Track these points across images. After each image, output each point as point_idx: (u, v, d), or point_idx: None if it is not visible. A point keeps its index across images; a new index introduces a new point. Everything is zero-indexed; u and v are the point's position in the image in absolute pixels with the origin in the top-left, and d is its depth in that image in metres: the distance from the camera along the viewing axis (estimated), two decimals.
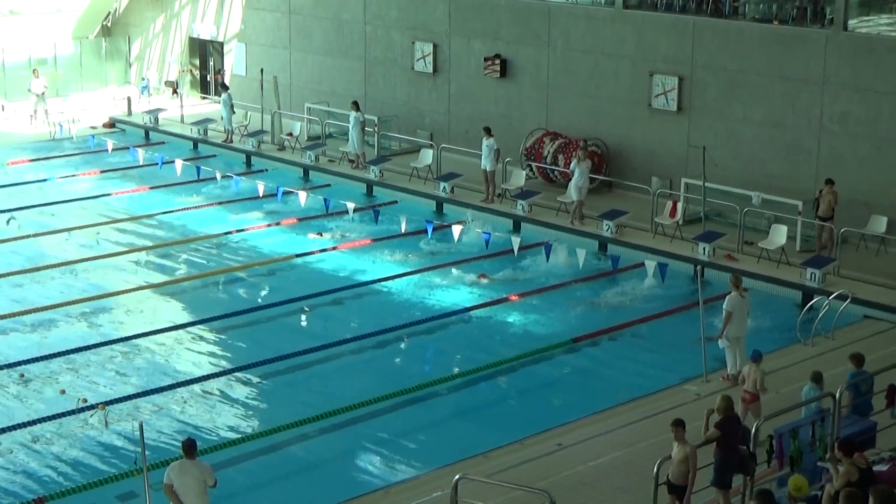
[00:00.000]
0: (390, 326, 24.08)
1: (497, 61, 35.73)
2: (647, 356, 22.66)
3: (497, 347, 23.11)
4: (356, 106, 35.91)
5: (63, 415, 19.93)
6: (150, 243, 29.89)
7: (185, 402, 20.90)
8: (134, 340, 23.56)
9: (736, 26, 30.79)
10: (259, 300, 26.03)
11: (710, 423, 15.42)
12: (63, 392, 21.03)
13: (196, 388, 21.46)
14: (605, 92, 33.32)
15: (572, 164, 30.06)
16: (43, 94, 43.67)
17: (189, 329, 24.36)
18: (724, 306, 20.37)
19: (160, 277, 27.40)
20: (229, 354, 23.13)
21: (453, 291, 26.62)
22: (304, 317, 24.89)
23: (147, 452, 14.53)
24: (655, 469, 14.56)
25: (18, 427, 19.52)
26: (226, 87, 40.89)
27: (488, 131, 32.00)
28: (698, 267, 25.71)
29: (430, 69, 37.90)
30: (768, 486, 15.24)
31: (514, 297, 25.93)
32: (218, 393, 21.34)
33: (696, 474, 14.86)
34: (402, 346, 23.25)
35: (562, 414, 19.82)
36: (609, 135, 33.13)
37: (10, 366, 22.07)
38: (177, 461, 14.87)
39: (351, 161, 35.93)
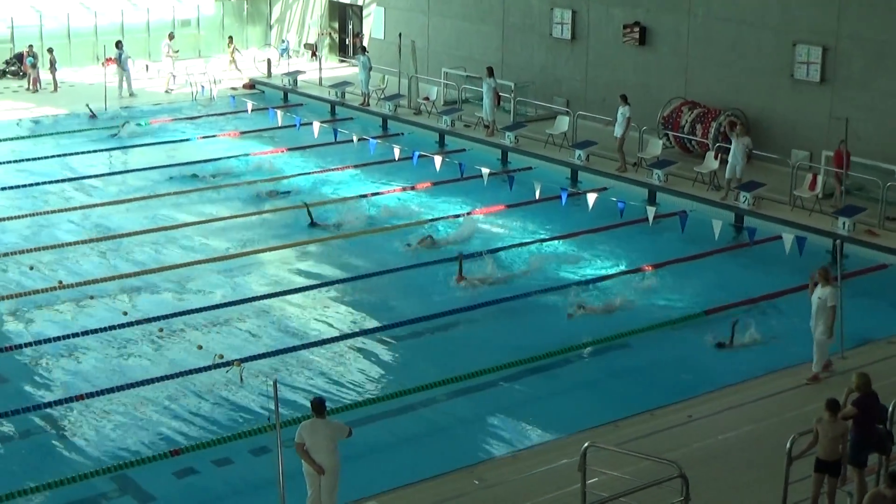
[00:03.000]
0: (521, 293, 24.07)
1: (636, 29, 35.37)
2: (782, 330, 22.29)
3: (628, 318, 22.93)
4: (490, 72, 35.85)
5: (200, 370, 20.36)
6: (284, 205, 30.27)
7: (317, 361, 21.18)
8: (269, 300, 23.94)
9: None
10: (391, 264, 26.15)
11: (848, 400, 15.15)
12: (200, 348, 21.46)
13: (329, 347, 21.74)
14: (746, 62, 32.77)
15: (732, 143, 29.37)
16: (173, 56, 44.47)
17: (322, 290, 24.65)
18: (833, 301, 19.09)
19: (295, 238, 27.74)
20: (361, 316, 23.34)
21: (585, 260, 26.51)
22: (435, 280, 24.93)
23: (280, 410, 14.74)
24: (789, 444, 14.33)
25: (157, 381, 19.99)
26: (364, 50, 41.13)
27: (624, 99, 31.72)
28: (837, 242, 25.23)
29: (569, 36, 37.66)
30: None
31: (647, 268, 25.73)
32: (350, 354, 21.58)
33: (847, 451, 14.62)
34: (533, 313, 23.18)
35: (693, 386, 19.64)
36: (749, 105, 32.59)
37: (149, 320, 22.60)
38: (308, 420, 15.08)
39: (486, 127, 35.92)
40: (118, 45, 43.14)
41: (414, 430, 18.92)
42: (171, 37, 45.20)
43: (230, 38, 47.22)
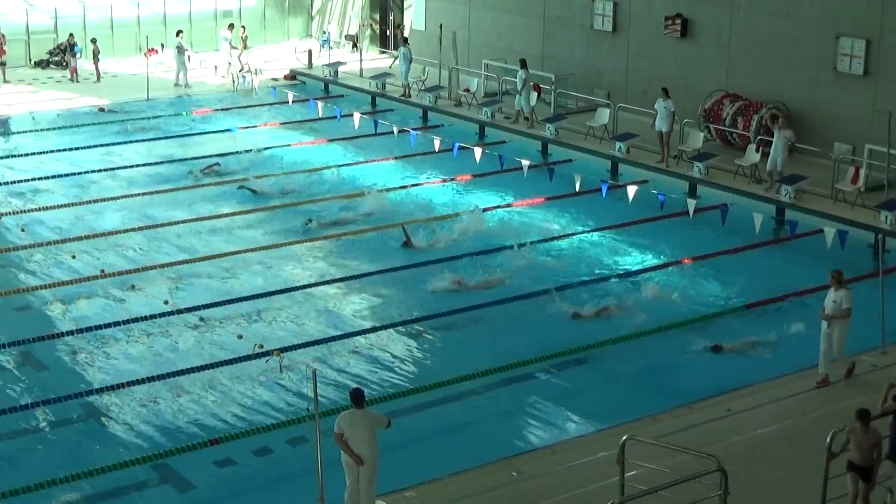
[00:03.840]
0: (560, 285, 24.05)
1: (678, 21, 35.21)
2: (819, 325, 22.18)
3: (667, 311, 22.86)
4: (523, 64, 35.78)
5: (240, 359, 20.48)
6: (324, 195, 30.33)
7: (357, 351, 21.26)
8: (309, 289, 24.03)
9: None
10: (431, 255, 26.14)
11: (889, 395, 15.06)
12: (240, 337, 21.56)
13: (369, 338, 21.82)
14: (788, 54, 32.56)
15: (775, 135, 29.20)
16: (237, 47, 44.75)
17: (362, 280, 24.67)
18: (848, 304, 18.80)
19: (335, 229, 27.78)
20: (401, 307, 23.36)
21: (625, 253, 26.46)
22: (475, 273, 24.92)
23: (319, 400, 14.80)
24: (828, 440, 14.26)
25: (197, 370, 20.13)
26: (406, 42, 41.15)
27: (666, 93, 31.59)
28: (879, 236, 25.07)
29: (610, 28, 37.55)
30: None
31: (687, 261, 25.66)
32: (390, 344, 21.63)
33: (881, 459, 14.53)
34: (571, 305, 23.14)
35: (731, 380, 19.57)
36: (790, 98, 32.39)
37: (190, 310, 22.73)
38: (347, 411, 15.12)
39: (526, 119, 35.89)
40: (178, 34, 43.45)
41: (452, 420, 18.96)
42: (231, 27, 45.56)
43: (243, 27, 47.07)
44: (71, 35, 44.91)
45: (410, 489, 16.00)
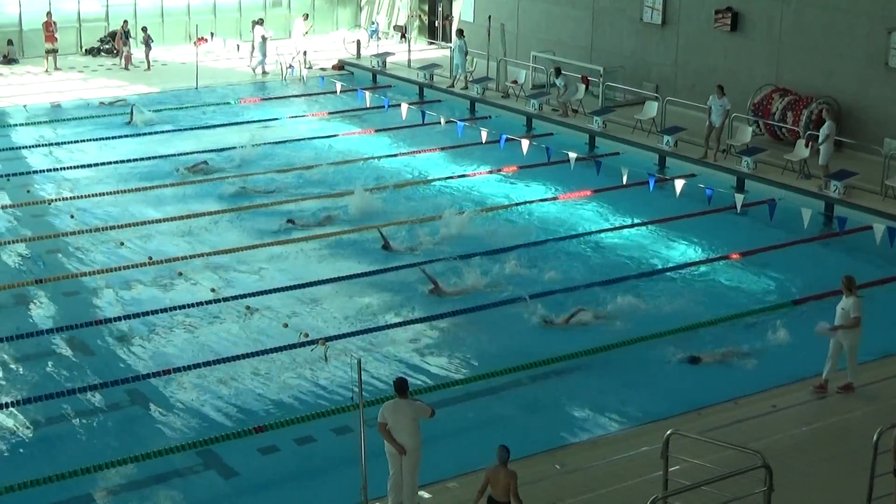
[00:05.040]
0: (606, 279, 23.99)
1: (728, 14, 34.99)
2: (869, 321, 21.97)
3: (714, 306, 22.74)
4: (558, 72, 35.80)
5: (285, 348, 20.56)
6: (371, 185, 30.40)
7: (401, 341, 21.31)
8: (357, 279, 24.04)
9: None
10: (474, 247, 26.12)
11: None
12: (286, 326, 21.65)
13: (414, 328, 21.85)
14: (839, 49, 32.28)
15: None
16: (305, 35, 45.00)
17: (408, 270, 24.62)
18: (856, 313, 18.36)
19: (380, 219, 27.82)
20: (443, 298, 23.32)
21: (673, 247, 26.37)
22: (519, 265, 24.86)
23: (363, 389, 14.83)
24: (875, 437, 14.11)
25: (242, 357, 20.24)
26: (461, 34, 41.06)
27: (721, 90, 31.31)
28: None
29: (660, 20, 37.38)
30: None
31: (734, 256, 25.53)
32: (434, 335, 21.66)
33: None
34: (616, 300, 23.06)
35: (775, 376, 19.46)
36: (841, 93, 32.12)
37: (236, 297, 22.85)
38: (390, 400, 15.15)
39: (574, 111, 35.82)
40: (260, 22, 43.64)
41: (497, 412, 18.94)
42: (306, 17, 45.76)
43: (305, 15, 47.46)
44: (125, 22, 45.27)
45: (453, 480, 16.05)
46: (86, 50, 46.96)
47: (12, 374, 20.15)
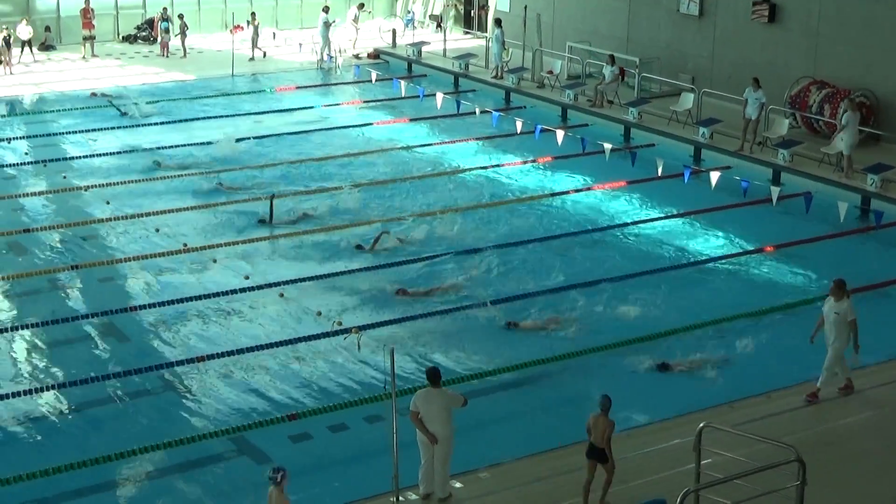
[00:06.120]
0: (639, 271, 23.93)
1: (766, 6, 34.78)
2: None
3: (748, 299, 22.63)
4: (612, 59, 35.83)
5: (318, 336, 20.63)
6: (404, 175, 30.40)
7: (434, 330, 21.30)
8: (390, 269, 24.07)
9: None
10: (512, 238, 26.11)
11: None
12: (320, 314, 21.71)
13: (448, 317, 21.83)
14: (878, 41, 32.04)
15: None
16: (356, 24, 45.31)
17: (443, 260, 24.63)
18: (853, 315, 18.03)
19: (412, 209, 27.84)
20: (476, 289, 23.31)
21: (707, 239, 26.27)
22: (553, 254, 24.82)
23: (396, 378, 14.85)
24: None
25: (276, 345, 20.31)
26: (499, 24, 40.99)
27: (756, 82, 31.16)
28: None
29: (696, 12, 37.20)
30: None
31: (768, 248, 25.42)
32: (468, 325, 21.62)
33: None
34: (650, 291, 23.00)
35: (810, 370, 19.33)
36: (879, 85, 31.89)
37: (270, 285, 22.92)
38: (423, 389, 15.19)
39: (610, 101, 35.75)
40: (325, 10, 43.75)
41: (529, 403, 18.92)
42: (361, 6, 45.88)
43: (361, 4, 47.54)
44: (164, 9, 45.45)
45: (485, 470, 16.06)
46: (123, 37, 47.18)
47: (47, 358, 20.31)
